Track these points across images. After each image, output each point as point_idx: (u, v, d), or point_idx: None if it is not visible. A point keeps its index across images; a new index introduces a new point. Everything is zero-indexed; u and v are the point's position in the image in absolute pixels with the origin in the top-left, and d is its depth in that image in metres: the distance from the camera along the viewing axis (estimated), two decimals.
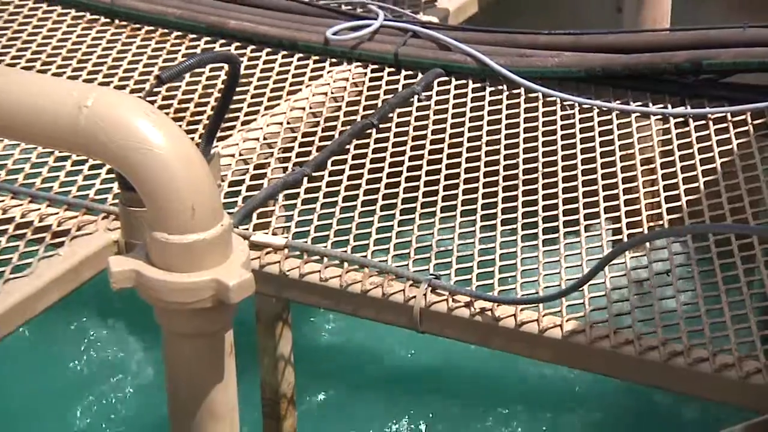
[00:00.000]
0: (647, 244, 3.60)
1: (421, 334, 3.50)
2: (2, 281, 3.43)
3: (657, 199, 3.85)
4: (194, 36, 4.74)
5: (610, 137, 4.15)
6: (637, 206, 3.82)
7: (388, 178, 3.95)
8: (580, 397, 5.94)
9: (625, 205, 3.82)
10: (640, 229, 3.73)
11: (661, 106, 4.29)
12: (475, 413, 5.94)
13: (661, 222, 3.78)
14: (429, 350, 6.04)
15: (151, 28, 4.79)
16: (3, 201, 3.80)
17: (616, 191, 3.88)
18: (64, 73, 4.53)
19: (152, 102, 3.95)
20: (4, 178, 3.92)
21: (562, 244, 3.65)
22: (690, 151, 4.05)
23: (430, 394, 6.05)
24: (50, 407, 5.95)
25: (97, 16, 4.86)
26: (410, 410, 5.97)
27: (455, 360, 6.03)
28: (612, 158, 4.04)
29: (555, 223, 3.75)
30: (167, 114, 2.99)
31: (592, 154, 4.07)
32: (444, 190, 3.90)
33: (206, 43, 4.72)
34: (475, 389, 6.04)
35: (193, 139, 2.98)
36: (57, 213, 3.74)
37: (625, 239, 3.64)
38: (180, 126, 2.95)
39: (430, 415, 5.94)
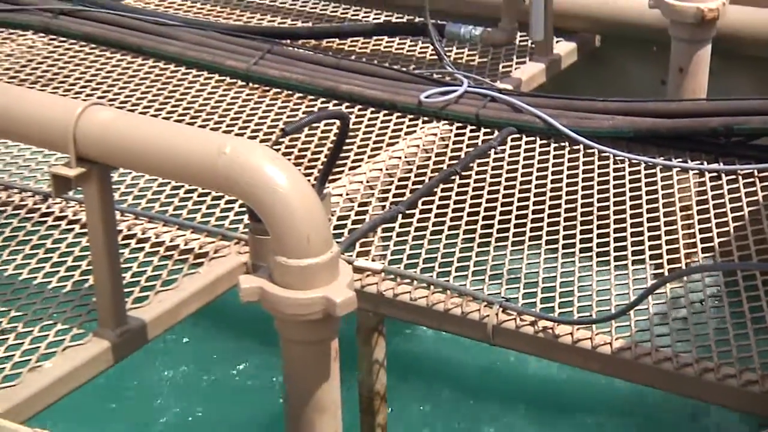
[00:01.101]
0: (685, 277, 3.54)
1: (493, 347, 3.48)
2: (154, 292, 3.47)
3: (693, 240, 3.78)
4: (312, 97, 4.76)
5: (654, 187, 4.08)
6: (677, 245, 3.75)
7: (468, 216, 3.92)
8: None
9: (666, 244, 3.75)
10: (678, 265, 3.66)
11: (698, 162, 4.22)
12: (543, 416, 5.84)
13: (696, 259, 3.71)
14: (498, 359, 5.97)
15: (278, 90, 4.83)
16: (156, 228, 3.84)
17: (658, 232, 3.81)
18: (208, 125, 4.58)
19: (277, 150, 3.97)
20: (157, 209, 3.96)
21: (613, 275, 3.60)
22: (722, 200, 3.97)
23: (498, 395, 5.97)
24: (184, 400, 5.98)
25: (235, 80, 4.92)
26: (481, 408, 5.90)
27: (522, 368, 5.94)
28: (656, 204, 3.98)
29: (607, 258, 3.70)
30: (289, 160, 3.00)
31: (639, 201, 4.00)
32: (514, 228, 3.86)
33: (322, 102, 4.74)
34: (541, 395, 5.95)
35: (309, 181, 2.98)
36: (198, 239, 3.77)
37: (666, 273, 3.58)
38: (299, 170, 2.95)
39: (495, 414, 5.87)
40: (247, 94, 4.83)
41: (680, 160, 4.24)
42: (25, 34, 5.30)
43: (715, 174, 4.15)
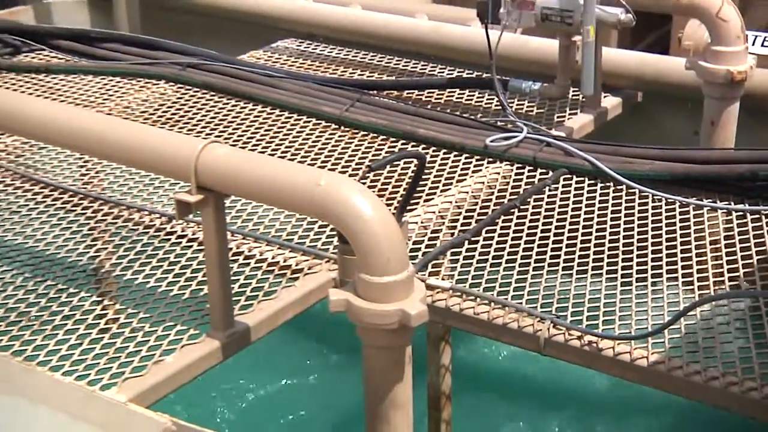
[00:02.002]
0: (713, 302, 3.46)
1: (544, 357, 3.44)
2: (257, 301, 3.50)
3: (721, 270, 3.70)
4: (394, 139, 4.78)
5: (688, 223, 4.00)
6: (706, 274, 3.67)
7: (524, 244, 3.88)
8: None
9: (697, 273, 3.67)
10: (708, 291, 3.58)
11: (726, 203, 4.13)
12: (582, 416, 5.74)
13: (724, 286, 3.62)
14: (548, 367, 5.89)
15: (365, 133, 4.85)
16: (260, 247, 3.88)
17: (690, 262, 3.74)
18: (305, 161, 4.61)
19: (364, 183, 3.99)
20: (261, 231, 4.00)
21: (650, 298, 3.54)
22: (747, 236, 3.88)
23: (544, 397, 5.88)
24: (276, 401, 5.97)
25: (329, 124, 4.95)
26: (531, 408, 5.82)
27: (572, 376, 5.84)
28: (688, 238, 3.90)
29: (645, 283, 3.64)
30: (373, 192, 3.01)
31: (674, 234, 3.93)
32: (565, 254, 3.82)
33: (402, 144, 4.74)
34: (581, 398, 5.85)
35: (390, 210, 2.98)
36: (295, 257, 3.80)
37: (697, 297, 3.50)
38: (382, 201, 2.96)
39: (545, 417, 5.78)
40: (339, 136, 4.86)
41: (710, 200, 4.16)
42: (158, 83, 5.42)
43: (741, 213, 4.05)
